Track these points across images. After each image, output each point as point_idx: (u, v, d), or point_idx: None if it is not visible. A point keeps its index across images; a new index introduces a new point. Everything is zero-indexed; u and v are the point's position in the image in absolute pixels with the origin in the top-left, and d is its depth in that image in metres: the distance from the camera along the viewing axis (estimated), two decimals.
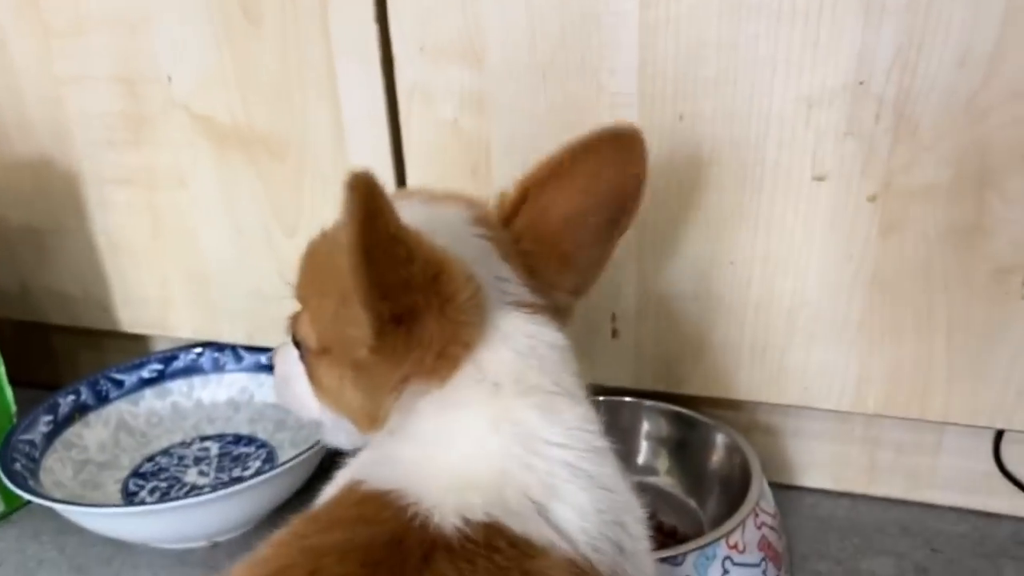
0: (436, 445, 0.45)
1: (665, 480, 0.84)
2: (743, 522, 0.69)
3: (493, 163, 0.82)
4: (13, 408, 0.90)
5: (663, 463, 0.85)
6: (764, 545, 0.70)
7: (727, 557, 0.67)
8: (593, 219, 0.53)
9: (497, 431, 0.45)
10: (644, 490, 0.82)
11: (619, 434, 0.83)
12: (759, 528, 0.70)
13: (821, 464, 0.88)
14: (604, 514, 0.44)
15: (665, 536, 0.78)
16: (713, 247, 0.78)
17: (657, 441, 0.85)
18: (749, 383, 0.82)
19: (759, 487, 0.72)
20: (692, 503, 0.82)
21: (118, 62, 0.89)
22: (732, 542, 0.68)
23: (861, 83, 0.69)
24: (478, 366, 0.46)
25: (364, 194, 0.37)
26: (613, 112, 0.76)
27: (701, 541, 0.67)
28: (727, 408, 0.87)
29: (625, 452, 0.83)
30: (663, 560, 0.65)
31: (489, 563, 0.39)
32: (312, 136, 0.86)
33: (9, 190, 0.99)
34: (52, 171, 0.97)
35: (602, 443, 0.47)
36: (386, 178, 0.85)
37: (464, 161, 0.82)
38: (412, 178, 0.84)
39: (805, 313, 0.78)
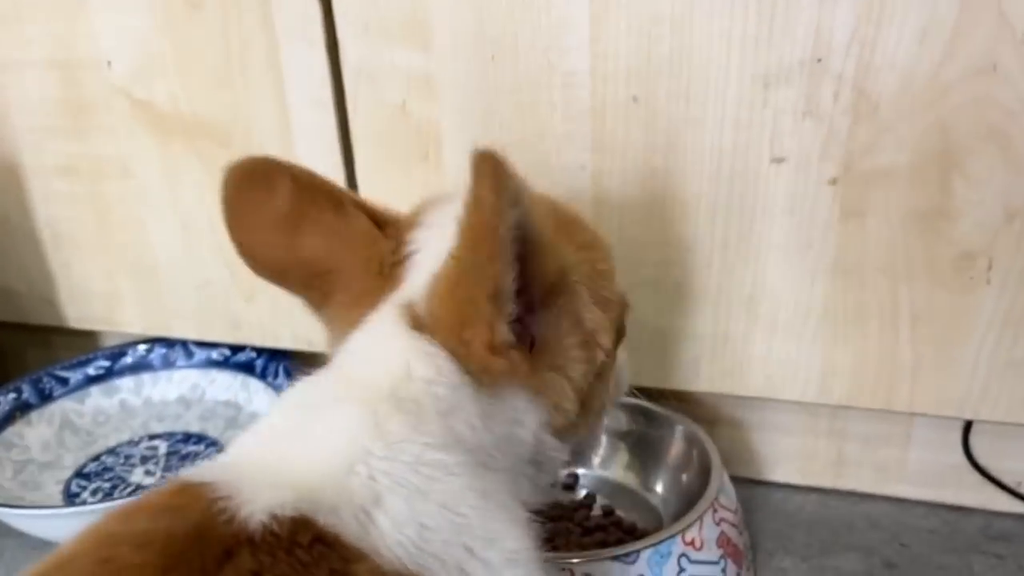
0: (280, 440, 0.44)
1: (625, 475, 0.81)
2: (700, 518, 0.66)
3: (444, 147, 0.79)
4: None
5: (622, 457, 0.82)
6: (724, 542, 0.67)
7: (683, 554, 0.64)
8: None
9: (334, 432, 0.43)
10: (603, 485, 0.81)
11: None
12: (718, 524, 0.67)
13: (788, 458, 0.85)
14: (433, 531, 0.41)
15: (624, 532, 0.76)
16: (669, 233, 0.75)
17: (616, 435, 0.82)
18: (711, 374, 0.79)
19: (718, 482, 0.69)
20: (652, 499, 0.79)
21: (56, 47, 0.85)
22: (688, 539, 0.65)
23: (819, 60, 0.67)
24: (340, 367, 0.47)
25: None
26: (565, 93, 0.73)
27: (655, 538, 0.64)
28: (690, 401, 0.84)
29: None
30: (615, 558, 0.63)
31: (291, 558, 0.37)
32: (257, 122, 0.83)
33: None
34: None
35: (453, 460, 0.43)
36: (333, 162, 0.82)
37: (414, 145, 0.79)
38: (360, 164, 0.81)
39: (766, 301, 0.75)
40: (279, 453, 0.43)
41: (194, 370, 0.97)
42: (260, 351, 0.96)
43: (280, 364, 0.94)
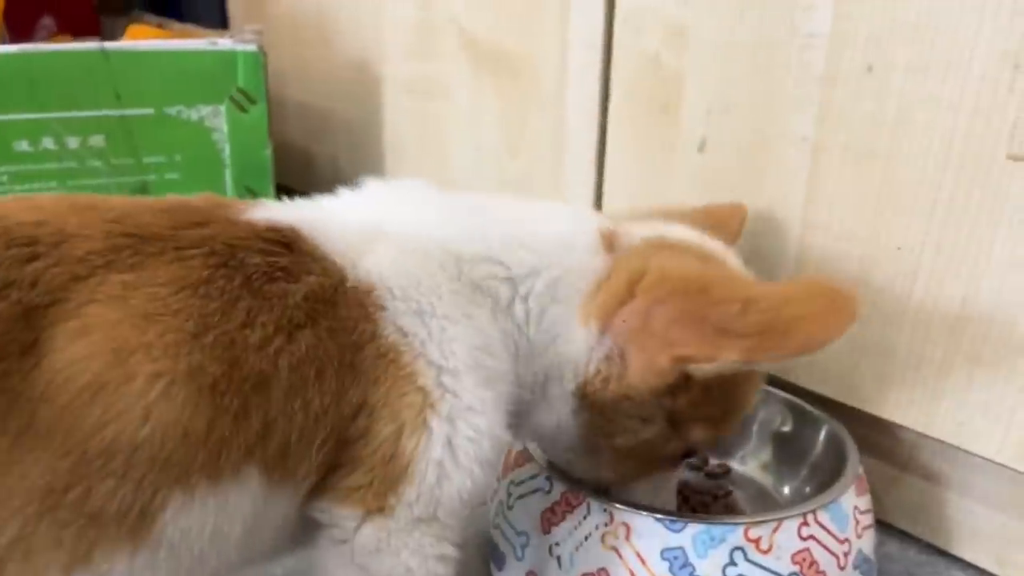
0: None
1: (761, 474, 0.73)
2: (779, 522, 0.58)
3: (683, 101, 0.78)
4: None
5: (764, 456, 0.73)
6: (805, 561, 0.58)
7: (740, 548, 0.57)
8: None
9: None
10: (737, 479, 0.73)
11: None
12: (804, 539, 0.58)
13: (984, 536, 0.69)
14: (410, 280, 0.47)
15: (708, 477, 0.72)
16: (879, 225, 0.66)
17: (768, 433, 0.74)
18: (896, 401, 0.68)
19: (829, 497, 0.60)
20: (781, 501, 0.71)
21: None
22: (753, 536, 0.57)
23: None
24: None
25: None
26: (801, 55, 0.69)
27: (711, 518, 0.58)
28: (882, 431, 0.72)
29: (730, 439, 0.75)
30: (659, 519, 0.58)
31: (248, 239, 0.44)
32: (542, 59, 0.89)
33: (328, 85, 1.17)
34: (365, 73, 1.12)
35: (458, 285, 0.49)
36: (592, 105, 0.85)
37: (658, 96, 0.79)
38: (612, 108, 0.84)
39: (974, 327, 0.62)
40: (324, 202, 0.52)
41: None
42: None
43: None
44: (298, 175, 1.29)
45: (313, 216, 0.48)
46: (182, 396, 0.39)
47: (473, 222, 0.52)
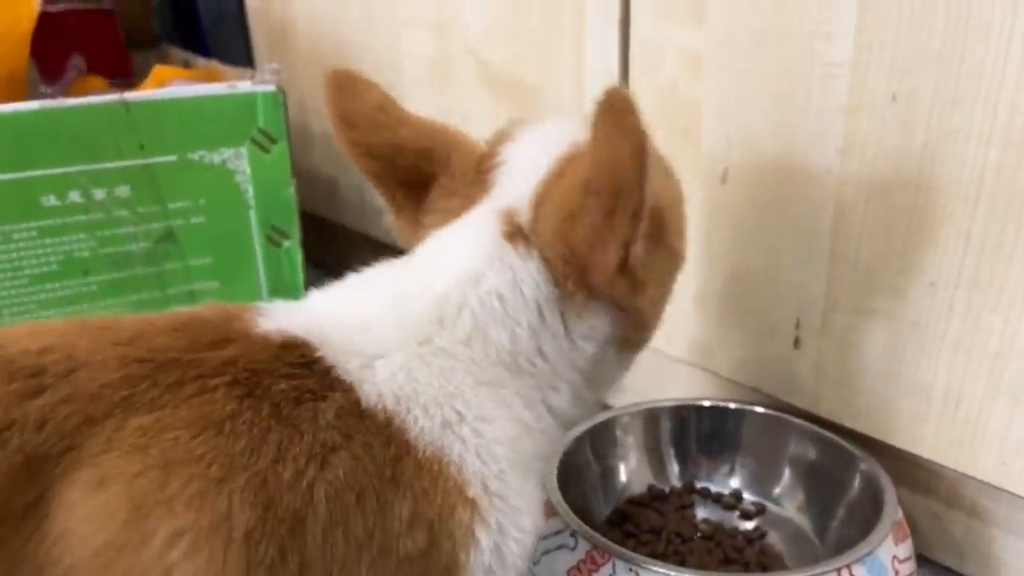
0: (326, 299, 0.49)
1: (798, 516, 0.71)
2: None
3: (703, 127, 0.76)
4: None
5: (799, 497, 0.72)
6: None
7: None
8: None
9: (371, 298, 0.48)
10: (776, 520, 0.71)
11: (758, 452, 0.74)
12: None
13: None
14: (424, 387, 0.44)
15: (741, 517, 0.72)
16: (912, 259, 0.64)
17: (800, 470, 0.72)
18: (936, 440, 0.65)
19: (863, 551, 0.58)
20: (820, 550, 0.69)
21: (436, 7, 1.00)
22: None
23: None
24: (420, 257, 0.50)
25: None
26: (822, 84, 0.66)
27: None
28: (925, 468, 0.70)
29: (762, 475, 0.73)
30: None
31: (270, 363, 0.41)
32: (560, 88, 0.88)
33: None
34: None
35: (469, 353, 0.46)
36: None
37: (678, 123, 0.77)
38: None
39: (1015, 366, 0.60)
40: (317, 305, 0.48)
41: None
42: None
43: None
44: (325, 203, 1.29)
45: (317, 325, 0.45)
46: (206, 553, 0.36)
47: (426, 304, 0.47)
